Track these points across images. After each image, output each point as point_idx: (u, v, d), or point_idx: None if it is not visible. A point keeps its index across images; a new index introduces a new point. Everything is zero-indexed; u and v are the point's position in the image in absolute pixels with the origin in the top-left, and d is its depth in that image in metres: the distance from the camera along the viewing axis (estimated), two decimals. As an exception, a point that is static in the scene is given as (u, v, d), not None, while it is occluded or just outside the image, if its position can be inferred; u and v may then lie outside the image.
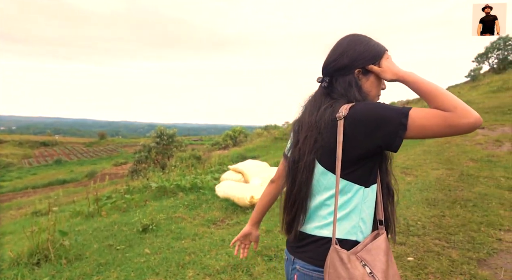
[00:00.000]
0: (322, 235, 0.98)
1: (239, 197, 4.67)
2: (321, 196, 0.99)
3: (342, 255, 0.90)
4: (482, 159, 6.27)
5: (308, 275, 1.00)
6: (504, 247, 2.90)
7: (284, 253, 1.20)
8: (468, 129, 0.82)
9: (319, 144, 0.96)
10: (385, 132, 0.87)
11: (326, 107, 0.98)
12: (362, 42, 1.02)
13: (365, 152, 0.92)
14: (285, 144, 4.46)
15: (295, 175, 1.02)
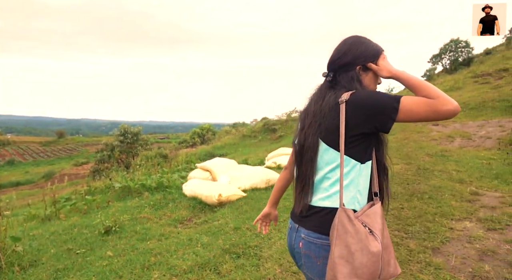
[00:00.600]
0: (324, 206, 1.11)
1: (207, 195, 4.62)
2: (323, 171, 1.13)
3: (349, 213, 1.04)
4: (437, 154, 6.70)
5: (312, 242, 1.12)
6: (455, 235, 3.11)
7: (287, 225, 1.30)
8: (448, 114, 0.97)
9: (323, 126, 1.12)
10: (380, 114, 1.02)
11: (330, 95, 1.14)
12: (363, 43, 1.18)
13: (363, 131, 1.06)
14: (253, 141, 4.42)
15: (302, 155, 1.19)
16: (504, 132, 7.74)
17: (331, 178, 1.11)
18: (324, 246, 1.10)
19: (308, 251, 1.14)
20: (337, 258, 1.01)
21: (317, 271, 1.12)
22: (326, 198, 1.12)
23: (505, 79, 15.61)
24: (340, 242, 1.01)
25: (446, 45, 28.48)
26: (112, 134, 21.41)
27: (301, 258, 1.17)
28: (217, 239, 3.32)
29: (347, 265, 1.00)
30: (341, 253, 1.01)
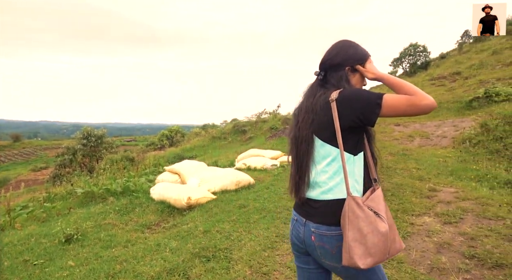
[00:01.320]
0: (328, 199, 1.22)
1: (176, 198, 4.52)
2: (320, 165, 1.24)
3: (357, 200, 1.15)
4: (398, 153, 7.04)
5: (323, 235, 1.22)
6: (415, 230, 3.28)
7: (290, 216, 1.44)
8: (426, 108, 1.10)
9: (315, 122, 1.23)
10: (365, 109, 1.13)
11: (321, 94, 1.25)
12: (353, 47, 1.31)
13: (350, 125, 1.16)
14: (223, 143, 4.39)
15: (297, 148, 1.29)
16: (457, 132, 8.28)
17: (328, 172, 1.22)
18: (335, 236, 1.20)
19: (321, 243, 1.23)
20: (351, 242, 1.11)
21: (334, 258, 1.22)
22: (328, 191, 1.22)
23: (458, 82, 16.75)
24: (353, 227, 1.12)
25: (405, 49, 30.06)
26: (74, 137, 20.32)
27: (315, 250, 1.26)
28: (186, 243, 3.26)
29: (361, 246, 1.11)
30: (354, 237, 1.12)
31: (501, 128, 6.35)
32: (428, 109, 1.10)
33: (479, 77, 15.17)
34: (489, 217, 3.35)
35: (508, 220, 3.20)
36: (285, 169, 6.48)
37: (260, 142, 11.58)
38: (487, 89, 11.10)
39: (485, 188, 4.32)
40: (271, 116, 16.44)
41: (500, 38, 24.00)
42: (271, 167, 6.68)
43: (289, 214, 3.95)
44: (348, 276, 1.26)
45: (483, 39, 27.34)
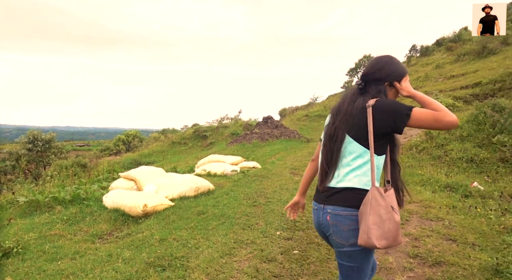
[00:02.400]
0: (346, 186, 1.40)
1: (131, 206, 4.34)
2: (346, 159, 1.42)
3: (380, 191, 1.33)
4: (353, 159, 7.41)
5: (338, 214, 1.41)
6: (367, 232, 3.46)
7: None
8: (449, 124, 1.27)
9: (351, 124, 1.42)
10: (396, 118, 1.32)
11: (359, 100, 1.44)
12: (394, 64, 1.48)
13: (382, 130, 1.35)
14: (183, 148, 4.29)
15: (330, 143, 1.48)
16: (406, 139, 8.89)
17: (352, 165, 1.41)
18: (348, 216, 1.39)
19: (335, 222, 1.42)
20: (371, 224, 1.29)
21: (344, 236, 1.41)
22: (348, 181, 1.41)
23: (407, 93, 18.04)
24: (374, 212, 1.30)
25: (360, 60, 31.87)
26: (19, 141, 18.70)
27: (329, 228, 1.45)
28: (140, 253, 3.14)
29: (379, 229, 1.29)
30: (374, 221, 1.29)
31: (442, 136, 6.93)
32: (450, 126, 1.28)
33: (425, 89, 16.46)
34: (431, 219, 3.63)
35: (446, 221, 3.49)
36: (245, 174, 6.50)
37: (221, 147, 11.53)
38: (431, 100, 12.05)
39: (428, 192, 4.67)
40: (233, 121, 16.47)
41: (442, 53, 26.34)
42: (231, 173, 6.67)
43: (248, 220, 3.97)
44: (349, 255, 1.43)
45: (428, 54, 29.77)
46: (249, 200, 4.79)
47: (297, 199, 1.88)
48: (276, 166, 7.25)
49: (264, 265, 2.85)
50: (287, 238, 3.41)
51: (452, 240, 3.07)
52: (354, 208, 1.38)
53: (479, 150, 5.84)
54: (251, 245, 3.28)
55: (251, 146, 10.38)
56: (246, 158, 8.27)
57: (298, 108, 28.53)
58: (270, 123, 12.25)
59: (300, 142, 10.71)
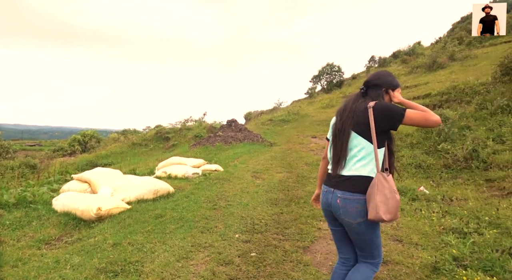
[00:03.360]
0: (354, 174, 1.73)
1: (83, 209, 4.13)
2: (352, 151, 1.75)
3: (384, 175, 1.65)
4: (313, 163, 7.62)
5: (347, 198, 1.72)
6: (322, 234, 3.59)
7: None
8: (435, 123, 1.63)
9: (355, 121, 1.75)
10: (393, 118, 1.66)
11: (361, 102, 1.80)
12: (391, 76, 1.88)
13: (381, 128, 1.68)
14: (144, 150, 4.20)
15: (338, 136, 1.82)
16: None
17: (358, 156, 1.73)
18: (355, 200, 1.70)
19: (344, 205, 1.73)
20: (379, 202, 1.61)
21: (352, 216, 1.72)
22: (355, 169, 1.73)
23: (366, 101, 18.98)
24: (380, 192, 1.62)
25: (323, 68, 32.95)
26: (-43, 139, 16.97)
27: (339, 209, 1.76)
28: (91, 258, 3.00)
29: (385, 206, 1.60)
30: (381, 199, 1.61)
31: (395, 142, 7.39)
32: (435, 123, 1.64)
33: (381, 98, 17.41)
34: (381, 220, 3.85)
35: (394, 223, 3.72)
36: (207, 177, 6.45)
37: (184, 150, 11.33)
38: (386, 109, 12.79)
39: (380, 195, 4.95)
40: (197, 124, 16.25)
41: (398, 65, 28.09)
42: (192, 176, 6.59)
43: (207, 223, 3.94)
44: (357, 231, 1.75)
45: (385, 65, 31.56)
46: (209, 203, 4.76)
47: (317, 192, 2.20)
48: (238, 169, 7.28)
49: (221, 268, 2.85)
50: (245, 241, 3.44)
51: (398, 241, 3.28)
52: (360, 193, 1.70)
53: (426, 157, 6.30)
54: (209, 248, 3.26)
55: (214, 149, 10.32)
56: (208, 161, 8.20)
57: (263, 112, 28.83)
58: (234, 126, 12.27)
59: (263, 146, 10.83)
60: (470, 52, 21.29)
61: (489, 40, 25.00)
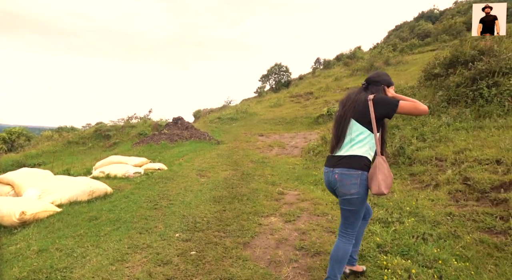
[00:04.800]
0: (351, 154, 2.11)
1: (4, 214, 3.73)
2: (351, 135, 2.12)
3: (384, 158, 2.07)
4: (258, 161, 7.77)
5: (343, 173, 2.10)
6: (262, 230, 3.68)
7: None
8: (423, 111, 2.03)
9: (356, 110, 2.11)
10: (388, 108, 2.05)
11: (362, 94, 2.17)
12: (388, 76, 2.28)
13: (379, 116, 2.06)
14: (82, 148, 3.94)
15: (340, 122, 2.19)
16: (306, 143, 9.77)
17: (355, 140, 2.11)
18: (351, 175, 2.08)
19: (341, 178, 2.11)
20: (381, 180, 2.01)
21: (347, 188, 2.10)
22: (352, 151, 2.11)
23: (310, 101, 19.81)
24: (381, 172, 2.02)
25: (272, 67, 33.64)
26: None
27: (336, 183, 2.14)
28: (11, 268, 2.73)
29: (385, 182, 2.01)
30: (382, 178, 2.01)
31: (334, 141, 7.86)
32: (424, 112, 2.03)
33: (325, 98, 18.34)
34: (318, 214, 4.07)
35: (330, 216, 3.96)
36: (149, 176, 6.22)
37: (126, 148, 10.78)
38: (329, 108, 13.52)
39: (319, 190, 5.22)
40: (141, 121, 15.55)
41: (340, 67, 29.80)
42: (133, 175, 6.31)
43: (147, 223, 3.82)
44: (349, 201, 2.12)
45: (329, 67, 33.26)
46: (150, 203, 4.61)
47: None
48: (183, 167, 7.14)
49: (158, 268, 2.79)
50: (185, 240, 3.40)
51: (332, 232, 3.49)
52: (355, 169, 2.07)
53: (361, 154, 6.79)
54: (147, 249, 3.17)
55: (159, 147, 9.98)
56: (152, 160, 7.91)
57: (212, 111, 28.57)
58: (180, 124, 11.97)
59: (210, 144, 10.75)
60: (402, 58, 23.37)
61: (418, 48, 27.71)
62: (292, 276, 2.71)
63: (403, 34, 36.67)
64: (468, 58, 6.63)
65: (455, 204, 3.86)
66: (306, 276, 2.70)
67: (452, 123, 6.10)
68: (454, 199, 3.97)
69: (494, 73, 5.99)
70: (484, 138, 5.09)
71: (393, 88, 2.26)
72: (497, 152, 4.39)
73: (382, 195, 2.03)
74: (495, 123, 5.52)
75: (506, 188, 3.63)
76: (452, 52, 7.10)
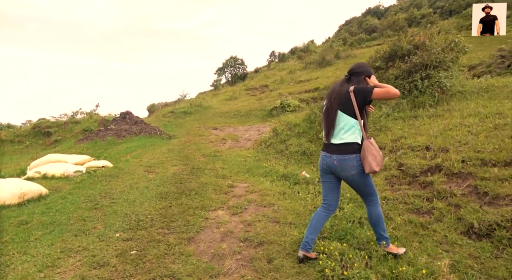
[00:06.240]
0: (344, 142, 2.43)
1: None
2: (340, 125, 2.44)
3: (371, 141, 2.39)
4: (210, 155, 7.68)
5: (341, 159, 2.43)
6: (208, 224, 3.64)
7: None
8: (395, 95, 2.30)
9: (341, 101, 2.41)
10: (365, 95, 2.34)
11: (345, 86, 2.46)
12: (367, 66, 2.53)
13: (359, 104, 2.35)
14: (17, 147, 3.57)
15: (328, 114, 2.50)
16: (259, 135, 9.83)
17: (344, 128, 2.42)
18: (347, 159, 2.42)
19: (340, 164, 2.45)
20: (371, 160, 2.34)
21: (347, 170, 2.45)
22: (343, 139, 2.43)
23: (265, 93, 19.99)
24: (370, 153, 2.35)
25: (227, 60, 33.33)
26: None
27: (336, 168, 2.48)
28: None
29: (375, 161, 2.35)
30: (372, 158, 2.34)
31: (285, 132, 7.99)
32: (395, 95, 2.30)
33: (279, 91, 18.60)
34: (265, 205, 4.11)
35: (276, 206, 4.02)
36: (91, 175, 5.86)
37: (68, 146, 10.04)
38: (282, 101, 13.73)
39: (268, 182, 5.29)
40: (87, 116, 14.57)
41: (295, 61, 30.41)
42: (74, 174, 5.89)
43: (84, 225, 3.60)
44: (353, 180, 2.49)
45: (284, 60, 33.75)
46: (90, 202, 4.34)
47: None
48: (130, 164, 6.82)
49: (94, 271, 2.64)
50: (126, 239, 3.25)
51: (276, 222, 3.56)
52: (350, 154, 2.42)
53: (310, 145, 7.00)
54: (82, 252, 2.98)
55: (105, 143, 9.43)
56: (97, 157, 7.46)
57: (167, 104, 27.64)
58: (129, 119, 11.40)
59: (161, 139, 10.39)
60: (352, 52, 24.46)
61: (365, 42, 29.12)
62: (234, 268, 2.71)
63: (353, 29, 38.32)
64: (405, 52, 7.10)
65: (390, 188, 4.13)
66: (248, 267, 2.72)
67: (391, 113, 6.51)
68: (390, 184, 4.25)
69: (427, 66, 6.48)
70: (418, 127, 5.50)
71: (373, 77, 2.52)
72: (427, 139, 4.77)
73: (375, 172, 2.40)
74: (427, 112, 5.99)
75: (432, 172, 3.96)
76: (391, 46, 7.54)
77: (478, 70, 10.03)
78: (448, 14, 29.57)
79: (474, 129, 4.64)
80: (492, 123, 4.66)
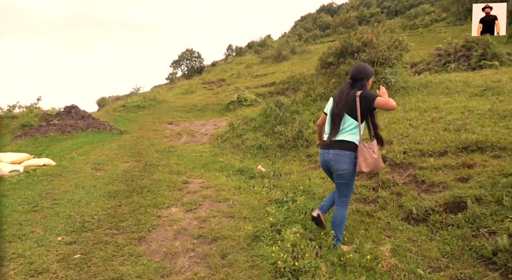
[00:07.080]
0: (342, 139, 2.63)
1: None
2: (343, 126, 2.64)
3: (365, 144, 2.59)
4: (165, 150, 7.43)
5: (337, 154, 2.63)
6: (161, 222, 3.52)
7: None
8: (391, 107, 2.49)
9: (347, 106, 2.62)
10: (369, 103, 2.55)
11: (350, 91, 2.66)
12: (368, 68, 2.72)
13: (364, 109, 2.58)
14: None
15: (334, 117, 2.70)
16: (216, 130, 9.72)
17: (347, 129, 2.61)
18: (342, 155, 2.60)
19: (335, 158, 2.63)
20: (361, 161, 2.54)
21: (339, 165, 2.62)
22: (343, 136, 2.62)
23: (222, 87, 19.79)
24: (361, 155, 2.55)
25: (183, 53, 32.40)
26: None
27: (331, 162, 2.65)
28: None
29: (365, 163, 2.54)
30: (363, 159, 2.54)
31: (241, 127, 7.98)
32: (391, 108, 2.49)
33: (236, 85, 18.53)
34: (220, 200, 4.08)
35: (231, 201, 4.01)
36: (30, 174, 5.37)
37: (3, 143, 9.10)
38: (239, 95, 13.69)
39: (224, 177, 5.25)
40: (26, 111, 13.31)
41: (252, 55, 30.42)
42: (9, 174, 5.36)
43: (20, 229, 3.31)
44: (341, 176, 2.64)
45: (241, 54, 33.65)
46: (27, 205, 3.98)
47: (319, 142, 3.07)
48: (76, 162, 6.36)
49: (30, 280, 2.42)
50: (69, 243, 3.04)
51: (231, 217, 3.55)
52: (346, 150, 2.58)
53: (265, 139, 7.06)
54: (17, 259, 2.73)
55: (47, 140, 8.68)
56: (37, 155, 6.84)
57: (119, 98, 26.23)
58: (74, 113, 10.61)
59: (111, 134, 9.81)
60: (307, 47, 25.05)
61: (320, 38, 30.02)
62: (187, 265, 2.66)
63: (307, 25, 39.22)
64: (355, 49, 7.42)
65: (340, 180, 4.32)
66: (201, 264, 2.69)
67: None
68: (340, 176, 4.44)
69: (374, 63, 6.84)
70: (366, 120, 5.79)
71: (373, 77, 2.79)
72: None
73: (362, 173, 2.61)
74: (374, 107, 6.33)
75: (378, 163, 4.20)
76: (342, 43, 7.84)
77: (419, 67, 10.83)
78: (394, 14, 31.44)
79: (415, 122, 5.01)
80: (429, 116, 5.07)
